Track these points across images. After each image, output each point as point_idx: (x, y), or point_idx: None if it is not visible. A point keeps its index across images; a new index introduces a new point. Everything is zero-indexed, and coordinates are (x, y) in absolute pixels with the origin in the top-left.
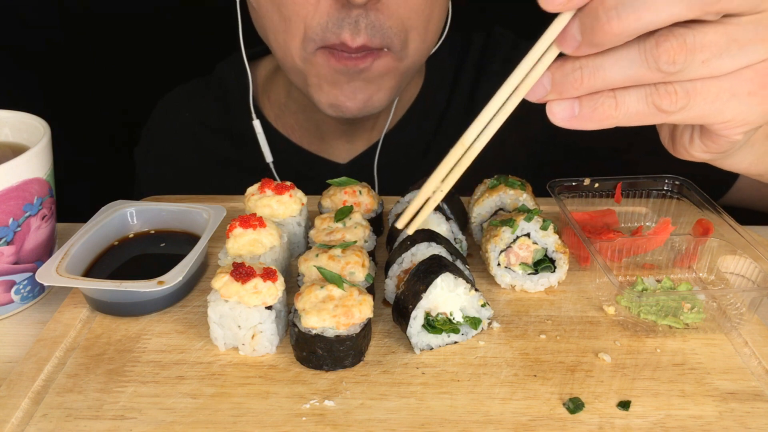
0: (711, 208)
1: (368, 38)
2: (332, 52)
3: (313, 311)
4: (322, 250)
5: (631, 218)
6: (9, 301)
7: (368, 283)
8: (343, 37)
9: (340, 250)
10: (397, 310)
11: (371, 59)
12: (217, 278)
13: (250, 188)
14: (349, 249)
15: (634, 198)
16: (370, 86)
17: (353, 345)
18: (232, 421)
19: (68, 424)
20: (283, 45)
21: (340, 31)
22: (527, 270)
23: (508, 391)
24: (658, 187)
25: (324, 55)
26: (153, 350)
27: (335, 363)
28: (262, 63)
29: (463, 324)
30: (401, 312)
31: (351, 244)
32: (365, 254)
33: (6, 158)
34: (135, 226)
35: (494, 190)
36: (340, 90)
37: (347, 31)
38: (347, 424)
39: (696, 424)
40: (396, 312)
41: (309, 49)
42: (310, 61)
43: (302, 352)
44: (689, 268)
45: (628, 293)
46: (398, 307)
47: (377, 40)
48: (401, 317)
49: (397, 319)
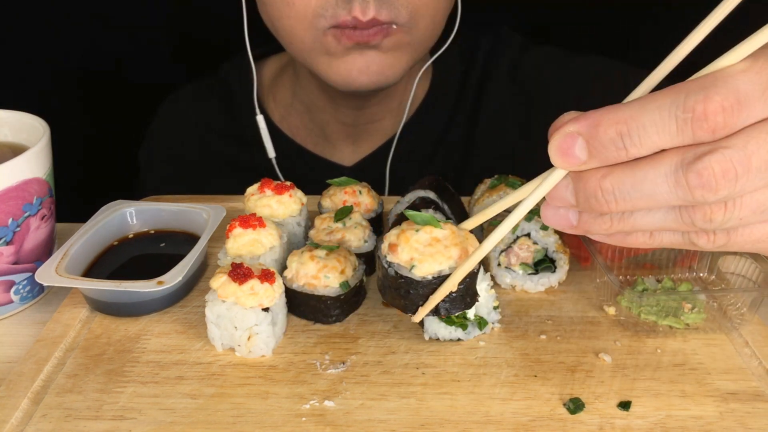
0: None
1: (377, 11)
2: (343, 31)
3: (426, 257)
4: (308, 248)
5: None
6: (8, 302)
7: (343, 291)
8: (354, 12)
9: (324, 252)
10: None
11: (381, 36)
12: (216, 278)
13: (250, 188)
14: (334, 253)
15: None
16: (383, 60)
17: (472, 282)
18: (231, 421)
19: (68, 424)
20: (290, 30)
21: (351, 6)
22: (527, 270)
23: (509, 392)
24: None
25: (335, 34)
26: (152, 350)
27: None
28: (267, 63)
29: (471, 322)
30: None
31: (335, 248)
32: (350, 260)
33: (6, 158)
34: (135, 226)
35: (494, 190)
36: (353, 64)
37: (357, 6)
38: (347, 425)
39: (696, 424)
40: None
41: (320, 26)
42: (320, 41)
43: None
44: (689, 268)
45: (628, 293)
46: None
47: (385, 13)
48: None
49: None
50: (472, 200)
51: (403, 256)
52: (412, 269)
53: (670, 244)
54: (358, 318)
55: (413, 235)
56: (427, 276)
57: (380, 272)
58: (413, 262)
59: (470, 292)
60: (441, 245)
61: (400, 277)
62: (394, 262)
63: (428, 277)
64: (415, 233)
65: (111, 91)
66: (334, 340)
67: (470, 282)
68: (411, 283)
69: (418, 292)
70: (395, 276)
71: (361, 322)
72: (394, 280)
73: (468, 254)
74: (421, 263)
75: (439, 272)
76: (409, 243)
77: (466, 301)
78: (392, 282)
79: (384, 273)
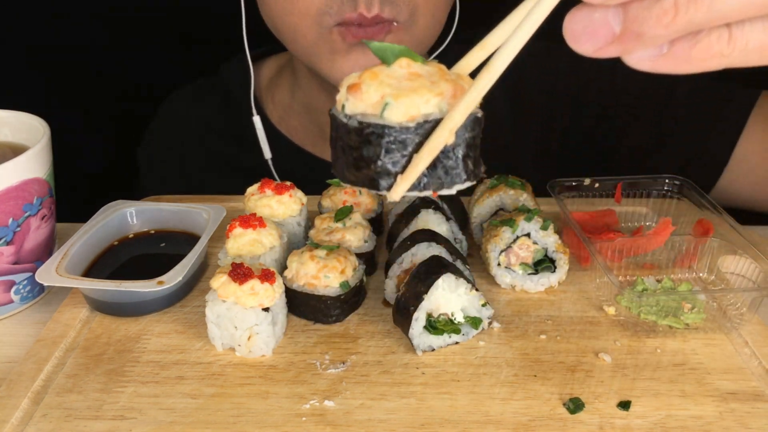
0: (711, 208)
1: (380, 8)
2: (348, 28)
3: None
4: (309, 248)
5: (631, 218)
6: (9, 301)
7: (343, 291)
8: (359, 9)
9: (324, 252)
10: (398, 312)
11: (384, 33)
12: (216, 278)
13: (250, 188)
14: (334, 253)
15: (634, 198)
16: None
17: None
18: (232, 421)
19: (68, 424)
20: (294, 28)
21: (356, 3)
22: (527, 270)
23: (509, 392)
24: (658, 187)
25: (339, 32)
26: (153, 350)
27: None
28: (266, 63)
29: (464, 324)
30: (402, 314)
31: (335, 248)
32: (350, 260)
33: (6, 158)
34: (135, 226)
35: (494, 190)
36: (356, 61)
37: (363, 3)
38: (347, 425)
39: (696, 424)
40: (397, 314)
41: (325, 23)
42: (324, 38)
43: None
44: (689, 268)
45: (628, 293)
46: (399, 309)
47: (388, 10)
48: (403, 319)
49: (399, 321)
50: (472, 200)
51: (370, 97)
52: (385, 111)
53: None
54: (358, 318)
55: (384, 70)
56: (408, 122)
57: (333, 133)
58: (386, 100)
59: (473, 148)
60: (425, 80)
61: (365, 127)
62: (356, 110)
63: (409, 123)
64: (387, 68)
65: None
66: (334, 340)
67: (473, 131)
68: (383, 133)
69: (394, 148)
70: (358, 128)
71: (361, 322)
72: (356, 135)
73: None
74: (397, 100)
75: (425, 116)
76: (379, 79)
77: (467, 165)
78: (354, 140)
79: (340, 131)
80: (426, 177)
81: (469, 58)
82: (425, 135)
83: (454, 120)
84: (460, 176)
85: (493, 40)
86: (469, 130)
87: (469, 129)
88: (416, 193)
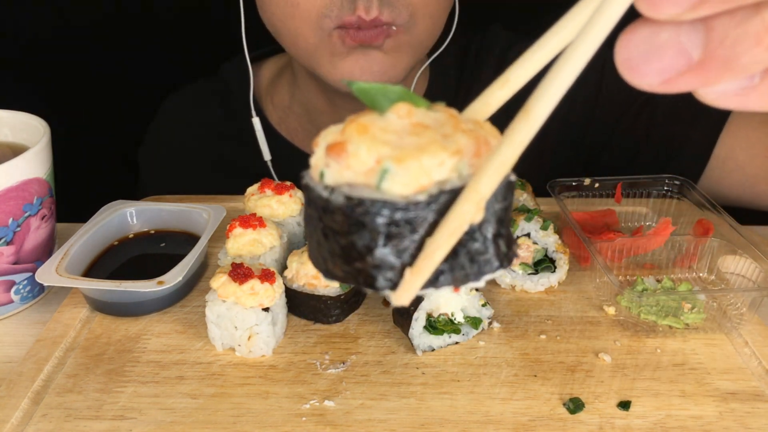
0: (711, 208)
1: (379, 11)
2: (347, 31)
3: (408, 154)
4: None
5: (631, 218)
6: (9, 301)
7: (343, 291)
8: (358, 12)
9: None
10: (398, 313)
11: (383, 36)
12: (216, 278)
13: (250, 188)
14: None
15: (634, 198)
16: (385, 60)
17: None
18: (232, 421)
19: (68, 424)
20: (295, 31)
21: (355, 6)
22: (527, 270)
23: (508, 391)
24: (658, 187)
25: (340, 35)
26: (153, 350)
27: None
28: (266, 65)
29: (464, 324)
30: (402, 314)
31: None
32: None
33: (6, 158)
34: (135, 226)
35: None
36: (356, 64)
37: (361, 5)
38: (347, 425)
39: (696, 424)
40: (397, 314)
41: (325, 27)
42: (324, 41)
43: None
44: (689, 268)
45: (628, 293)
46: (399, 310)
47: (387, 13)
48: (403, 319)
49: (399, 321)
50: None
51: (360, 162)
52: (384, 180)
53: None
54: (358, 318)
55: (376, 122)
56: (416, 194)
57: (309, 210)
58: (385, 165)
59: (505, 223)
60: (434, 133)
61: (356, 204)
62: (341, 179)
63: (418, 196)
64: (380, 118)
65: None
66: (334, 340)
67: (504, 201)
68: (380, 212)
69: (398, 232)
70: (345, 205)
71: (361, 322)
72: (343, 215)
73: (490, 147)
74: (400, 164)
75: (439, 184)
76: (370, 134)
77: (498, 248)
78: (340, 222)
79: (318, 209)
80: (445, 268)
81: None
82: (441, 211)
83: (480, 189)
84: (490, 263)
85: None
86: (500, 200)
87: (500, 198)
88: (431, 290)
